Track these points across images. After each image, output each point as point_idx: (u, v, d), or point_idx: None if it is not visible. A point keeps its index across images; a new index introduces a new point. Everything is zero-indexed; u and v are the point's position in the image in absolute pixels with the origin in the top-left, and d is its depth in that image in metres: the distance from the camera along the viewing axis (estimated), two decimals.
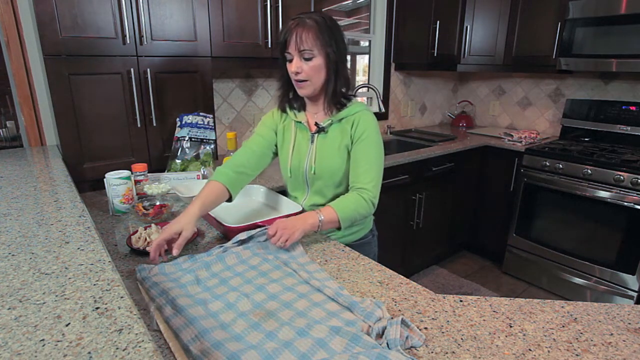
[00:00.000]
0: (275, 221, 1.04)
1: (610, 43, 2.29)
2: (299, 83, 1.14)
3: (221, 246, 1.05)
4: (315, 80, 1.13)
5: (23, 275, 0.71)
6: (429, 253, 2.79)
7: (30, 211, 1.01)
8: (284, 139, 1.29)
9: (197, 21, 1.66)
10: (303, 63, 1.10)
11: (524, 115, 3.15)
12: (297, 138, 1.26)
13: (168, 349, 0.69)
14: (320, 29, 1.08)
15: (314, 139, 1.23)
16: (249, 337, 0.71)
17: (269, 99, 2.41)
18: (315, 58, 1.10)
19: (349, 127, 1.18)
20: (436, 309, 0.83)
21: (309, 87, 1.14)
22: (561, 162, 2.35)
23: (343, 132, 1.19)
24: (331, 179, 1.22)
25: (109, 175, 1.29)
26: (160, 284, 0.86)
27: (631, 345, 0.72)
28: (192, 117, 1.69)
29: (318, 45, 1.08)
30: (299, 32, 1.07)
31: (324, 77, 1.14)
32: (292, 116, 1.26)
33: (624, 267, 2.18)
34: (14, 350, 0.52)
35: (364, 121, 1.18)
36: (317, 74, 1.12)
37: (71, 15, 1.40)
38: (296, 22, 1.10)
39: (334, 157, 1.20)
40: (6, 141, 1.96)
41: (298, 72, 1.11)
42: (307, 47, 1.08)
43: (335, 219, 1.09)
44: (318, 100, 1.22)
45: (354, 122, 1.18)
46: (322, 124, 1.20)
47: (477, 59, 2.90)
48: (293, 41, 1.08)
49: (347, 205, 1.11)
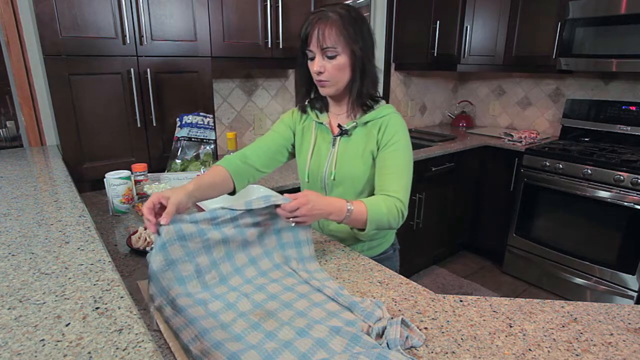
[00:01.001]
0: (306, 194, 0.90)
1: (610, 43, 2.29)
2: (320, 82, 1.05)
3: (231, 209, 0.90)
4: (338, 80, 1.04)
5: (23, 275, 0.71)
6: (429, 253, 2.79)
7: (30, 211, 1.01)
8: (303, 141, 1.20)
9: (197, 21, 1.66)
10: (326, 62, 1.01)
11: (524, 115, 3.15)
12: (318, 140, 1.17)
13: (168, 349, 0.69)
14: (345, 24, 0.98)
15: (336, 143, 1.13)
16: (249, 337, 0.71)
17: (269, 99, 2.41)
18: (340, 56, 1.00)
19: (376, 131, 1.09)
20: (436, 309, 0.83)
21: (331, 86, 1.05)
22: (561, 162, 2.35)
23: (368, 136, 1.10)
24: (352, 186, 1.12)
25: (109, 175, 1.29)
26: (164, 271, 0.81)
27: (631, 345, 0.72)
28: (192, 117, 1.69)
29: (342, 42, 0.99)
30: (321, 27, 0.98)
31: (348, 76, 1.04)
32: (314, 116, 1.17)
33: (624, 267, 2.18)
34: (14, 350, 0.52)
35: (392, 125, 1.08)
36: (341, 73, 1.02)
37: (71, 15, 1.40)
38: (318, 16, 0.99)
39: (356, 163, 1.10)
40: (6, 141, 1.96)
41: (321, 72, 1.02)
42: (330, 44, 0.98)
43: (363, 217, 0.97)
44: (342, 100, 1.12)
45: (382, 126, 1.08)
46: (346, 126, 1.11)
47: (477, 59, 2.90)
48: (314, 38, 0.99)
49: (380, 207, 0.99)
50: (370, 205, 0.98)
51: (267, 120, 2.43)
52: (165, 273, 0.81)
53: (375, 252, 1.21)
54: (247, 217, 0.91)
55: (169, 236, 0.82)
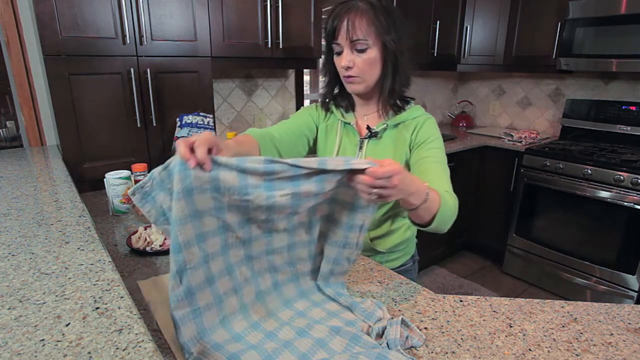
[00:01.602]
0: (391, 161, 0.66)
1: (610, 43, 2.29)
2: (348, 78, 0.97)
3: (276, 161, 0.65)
4: (368, 76, 0.95)
5: (23, 275, 0.71)
6: (429, 253, 2.79)
7: (30, 211, 1.01)
8: (326, 141, 1.10)
9: (197, 21, 1.66)
10: (355, 56, 0.92)
11: (524, 115, 3.15)
12: (343, 142, 1.07)
13: (168, 349, 0.69)
14: (376, 13, 0.90)
15: (363, 145, 1.04)
16: (249, 337, 0.71)
17: (269, 99, 2.41)
18: (370, 49, 0.92)
19: (408, 133, 1.00)
20: (436, 309, 0.83)
21: (361, 83, 0.97)
22: (561, 162, 2.35)
23: (399, 139, 1.01)
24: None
25: (109, 175, 1.29)
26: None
27: (631, 345, 0.72)
28: (192, 117, 1.69)
29: (373, 34, 0.91)
30: (351, 17, 0.90)
31: (379, 72, 0.96)
32: (339, 115, 1.08)
33: (624, 267, 2.18)
34: (14, 350, 0.52)
35: (428, 126, 1.00)
36: (371, 68, 0.94)
37: (71, 15, 1.40)
38: (346, 5, 0.92)
39: None
40: (6, 141, 1.96)
41: (349, 67, 0.94)
42: (361, 36, 0.90)
43: (434, 207, 0.79)
44: (370, 99, 1.03)
45: (416, 127, 1.00)
46: (375, 128, 1.02)
47: (477, 59, 2.90)
48: (343, 29, 0.90)
49: (447, 201, 0.83)
50: (442, 195, 0.82)
51: (267, 120, 2.43)
52: (185, 226, 0.63)
53: (394, 265, 1.14)
54: (311, 182, 0.66)
55: (199, 182, 0.62)
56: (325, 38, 0.97)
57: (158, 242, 1.06)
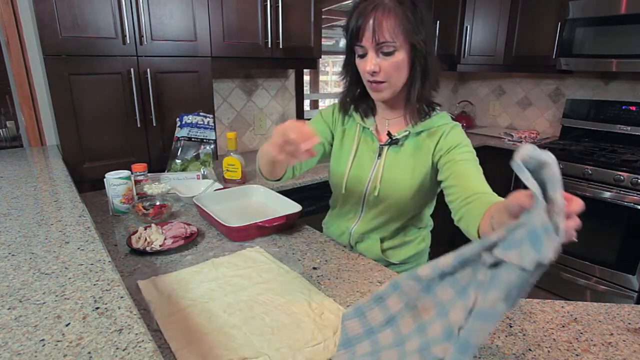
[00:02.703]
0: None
1: (610, 43, 2.29)
2: (374, 85, 0.89)
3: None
4: (395, 81, 0.88)
5: (23, 275, 0.71)
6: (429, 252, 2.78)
7: (30, 211, 1.01)
8: (342, 145, 1.04)
9: (197, 21, 1.66)
10: (382, 59, 0.85)
11: (524, 115, 3.15)
12: (360, 147, 1.01)
13: (168, 349, 0.69)
14: (405, 10, 0.82)
15: (383, 153, 0.98)
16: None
17: (269, 99, 2.41)
18: (398, 52, 0.84)
19: (432, 142, 0.93)
20: None
21: (387, 89, 0.89)
22: (561, 162, 2.35)
23: (422, 148, 0.94)
24: (396, 206, 0.97)
25: (109, 175, 1.29)
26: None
27: (631, 345, 0.72)
28: (192, 117, 1.69)
29: (401, 34, 0.83)
30: (378, 17, 0.81)
31: (406, 76, 0.89)
32: (358, 119, 1.01)
33: (624, 267, 2.18)
34: (14, 350, 0.52)
35: (455, 132, 0.93)
36: (398, 72, 0.87)
37: (71, 15, 1.40)
38: (371, 3, 0.82)
39: (405, 179, 0.94)
40: (6, 141, 1.96)
41: (376, 72, 0.86)
42: (389, 37, 0.82)
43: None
44: (395, 104, 0.96)
45: (443, 134, 0.93)
46: (397, 135, 0.95)
47: (477, 59, 2.90)
48: (369, 30, 0.82)
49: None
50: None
51: (267, 120, 2.43)
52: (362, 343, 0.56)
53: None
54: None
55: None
56: (347, 38, 0.88)
57: (158, 242, 1.06)
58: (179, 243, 1.07)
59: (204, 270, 0.97)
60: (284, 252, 1.08)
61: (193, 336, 0.72)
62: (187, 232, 1.12)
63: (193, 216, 1.33)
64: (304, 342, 0.72)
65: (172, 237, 1.08)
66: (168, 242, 1.07)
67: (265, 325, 0.77)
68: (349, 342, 0.60)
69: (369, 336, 0.59)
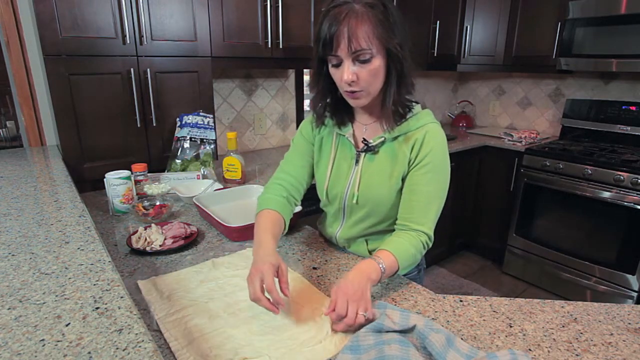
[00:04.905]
0: (337, 293, 0.75)
1: (610, 43, 2.29)
2: (352, 94, 0.86)
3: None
4: (373, 88, 0.86)
5: (23, 275, 0.71)
6: (429, 253, 2.76)
7: (30, 211, 1.01)
8: (321, 154, 1.03)
9: (197, 21, 1.66)
10: (358, 67, 0.82)
11: (524, 115, 3.15)
12: (338, 155, 1.00)
13: (168, 349, 0.69)
14: (378, 16, 0.79)
15: (360, 159, 0.96)
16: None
17: (269, 99, 2.41)
18: (375, 58, 0.81)
19: (408, 148, 0.91)
20: (436, 309, 0.83)
21: (365, 97, 0.87)
22: (561, 162, 2.35)
23: (399, 154, 0.93)
24: (376, 210, 0.97)
25: (109, 175, 1.29)
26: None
27: (631, 345, 0.72)
28: (192, 117, 1.69)
29: (377, 40, 0.80)
30: (352, 25, 0.78)
31: (382, 80, 0.86)
32: (335, 127, 0.99)
33: (624, 267, 2.18)
34: (14, 350, 0.52)
35: (429, 140, 0.90)
36: (376, 79, 0.84)
37: (71, 15, 1.40)
38: (343, 10, 0.79)
39: (382, 185, 0.94)
40: (6, 141, 1.96)
41: (354, 81, 0.83)
42: (364, 45, 0.79)
43: (395, 268, 0.85)
44: (372, 110, 0.95)
45: (416, 142, 0.90)
46: (372, 141, 0.93)
47: (477, 59, 2.90)
48: (344, 40, 0.78)
49: (408, 250, 0.88)
50: (398, 252, 0.86)
51: (267, 120, 2.43)
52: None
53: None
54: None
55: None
56: (319, 48, 0.83)
57: (158, 242, 1.06)
58: (179, 243, 1.07)
59: (204, 270, 0.97)
60: (284, 252, 1.08)
61: (193, 336, 0.72)
62: (187, 232, 1.12)
63: (193, 216, 1.33)
64: (304, 342, 0.72)
65: (172, 237, 1.08)
66: (168, 242, 1.07)
67: (265, 325, 0.77)
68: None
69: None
